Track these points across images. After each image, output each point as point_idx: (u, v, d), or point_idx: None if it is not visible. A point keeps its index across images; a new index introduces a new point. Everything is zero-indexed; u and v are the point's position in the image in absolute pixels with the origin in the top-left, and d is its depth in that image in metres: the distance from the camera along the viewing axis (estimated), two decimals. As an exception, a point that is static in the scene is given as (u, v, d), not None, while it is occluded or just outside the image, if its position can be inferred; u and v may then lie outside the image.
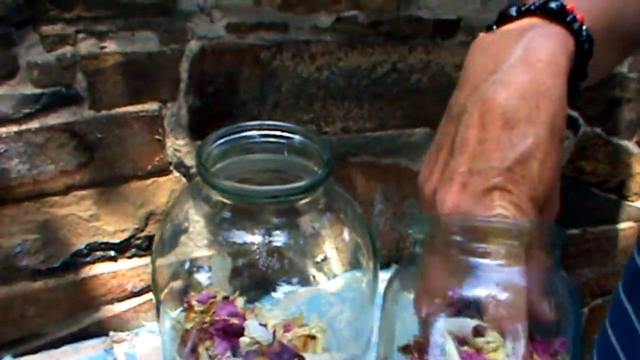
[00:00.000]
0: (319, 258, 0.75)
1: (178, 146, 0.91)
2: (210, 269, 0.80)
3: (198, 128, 0.91)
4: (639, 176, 1.18)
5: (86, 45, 0.82)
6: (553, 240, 0.48)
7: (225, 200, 0.73)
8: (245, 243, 0.75)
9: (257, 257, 0.76)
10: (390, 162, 1.03)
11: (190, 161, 0.92)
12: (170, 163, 0.92)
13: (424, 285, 0.48)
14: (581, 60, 0.50)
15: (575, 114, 1.08)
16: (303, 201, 0.74)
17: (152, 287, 0.81)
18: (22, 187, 0.85)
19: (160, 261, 0.80)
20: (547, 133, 0.45)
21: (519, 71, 0.45)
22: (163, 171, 0.91)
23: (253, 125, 0.77)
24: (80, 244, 0.91)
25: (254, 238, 0.75)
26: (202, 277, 0.79)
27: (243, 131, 0.76)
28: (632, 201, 1.20)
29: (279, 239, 0.76)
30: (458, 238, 0.46)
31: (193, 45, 0.86)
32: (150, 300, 0.98)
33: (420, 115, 1.01)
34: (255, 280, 0.79)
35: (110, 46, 0.83)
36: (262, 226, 0.75)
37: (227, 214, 0.74)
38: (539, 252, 0.47)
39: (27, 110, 0.82)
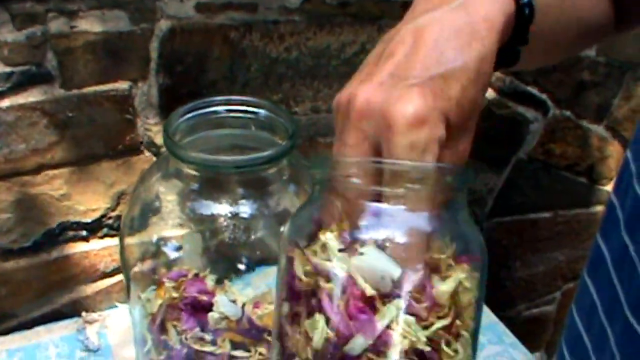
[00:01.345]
0: (285, 229, 0.76)
1: (149, 125, 0.92)
2: (180, 247, 0.81)
3: (168, 107, 0.92)
4: (609, 160, 1.20)
5: (56, 24, 0.83)
6: (459, 182, 0.47)
7: (193, 172, 0.74)
8: (212, 215, 0.76)
9: (224, 229, 0.77)
10: (361, 144, 1.04)
11: (160, 140, 0.92)
12: (142, 142, 0.92)
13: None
14: (522, 24, 0.51)
15: (544, 96, 1.09)
16: (268, 172, 0.76)
17: (122, 265, 0.81)
18: (-6, 165, 0.86)
19: (129, 240, 0.81)
20: (474, 67, 0.45)
21: (456, 15, 0.46)
22: (134, 151, 0.92)
23: (220, 100, 0.78)
24: (52, 223, 0.91)
25: (221, 208, 0.76)
26: (172, 253, 0.80)
27: (210, 106, 0.78)
28: (603, 185, 1.22)
29: (245, 209, 0.77)
30: (356, 181, 0.46)
31: (163, 25, 0.87)
32: (123, 280, 0.98)
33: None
34: (223, 253, 0.80)
35: (81, 25, 0.84)
36: (228, 196, 0.76)
37: (194, 186, 0.75)
38: (444, 195, 0.46)
39: (-3, 89, 0.83)
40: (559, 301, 1.33)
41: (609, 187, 1.23)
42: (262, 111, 0.77)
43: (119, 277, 0.98)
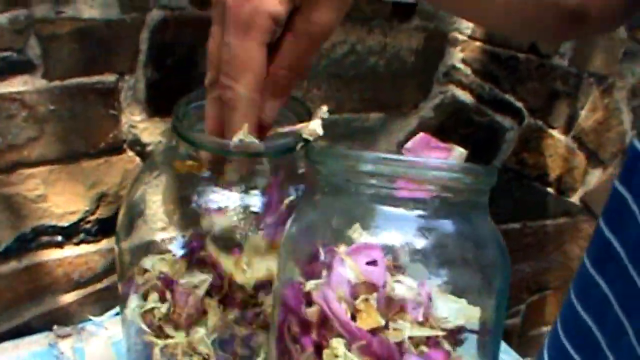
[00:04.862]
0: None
1: (134, 122, 0.86)
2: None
3: (155, 103, 0.86)
4: (574, 171, 1.21)
5: (42, 9, 0.77)
6: (481, 183, 0.47)
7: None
8: (220, 209, 0.72)
9: (234, 220, 0.72)
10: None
11: (147, 138, 0.87)
12: (124, 141, 0.87)
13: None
14: None
15: (519, 104, 1.10)
16: (283, 161, 0.72)
17: (118, 271, 0.75)
18: (-35, 161, 0.79)
19: (123, 245, 0.75)
20: None
21: None
22: (116, 150, 0.86)
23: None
24: (25, 227, 0.84)
25: (230, 199, 0.71)
26: (179, 251, 0.74)
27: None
28: (568, 196, 1.23)
29: (256, 201, 0.72)
30: (374, 182, 0.45)
31: (155, 15, 0.83)
32: (98, 291, 0.91)
33: (376, 99, 1.00)
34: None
35: (68, 11, 0.78)
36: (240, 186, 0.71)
37: (205, 174, 0.70)
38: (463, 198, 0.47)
39: (-26, 76, 0.76)
40: (524, 314, 1.32)
41: (574, 199, 1.24)
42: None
43: (94, 287, 0.91)
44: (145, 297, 0.74)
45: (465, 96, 1.05)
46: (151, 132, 0.87)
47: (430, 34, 0.99)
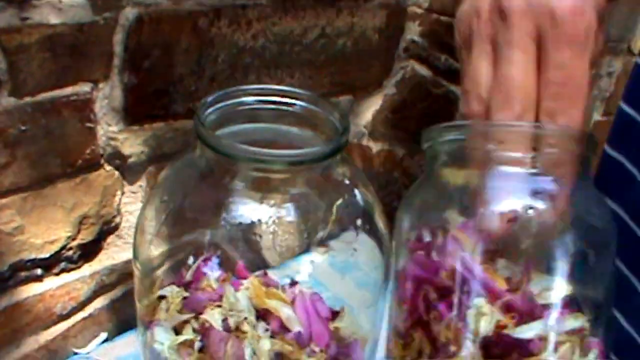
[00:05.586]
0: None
1: (112, 133, 0.77)
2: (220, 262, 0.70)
3: (133, 110, 0.78)
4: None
5: (4, 17, 0.67)
6: (586, 148, 0.47)
7: (233, 169, 0.64)
8: (252, 222, 0.66)
9: (270, 234, 0.67)
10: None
11: (128, 149, 0.79)
12: (102, 155, 0.78)
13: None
14: None
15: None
16: (317, 170, 0.67)
17: (137, 293, 0.69)
18: None
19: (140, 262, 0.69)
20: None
21: None
22: (93, 166, 0.77)
23: (252, 89, 0.68)
24: (2, 265, 0.74)
25: (263, 212, 0.66)
26: (214, 273, 0.69)
27: (238, 96, 0.67)
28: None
29: (291, 213, 0.68)
30: (491, 146, 0.45)
31: (129, 13, 0.74)
32: (81, 321, 0.83)
33: (344, 82, 0.96)
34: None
35: (34, 17, 0.68)
36: (273, 198, 0.66)
37: (238, 185, 0.64)
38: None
39: None
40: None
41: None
42: (299, 102, 0.68)
43: (77, 317, 0.82)
44: (176, 329, 0.68)
45: (423, 70, 1.03)
46: (132, 142, 0.79)
47: (391, 11, 0.96)
